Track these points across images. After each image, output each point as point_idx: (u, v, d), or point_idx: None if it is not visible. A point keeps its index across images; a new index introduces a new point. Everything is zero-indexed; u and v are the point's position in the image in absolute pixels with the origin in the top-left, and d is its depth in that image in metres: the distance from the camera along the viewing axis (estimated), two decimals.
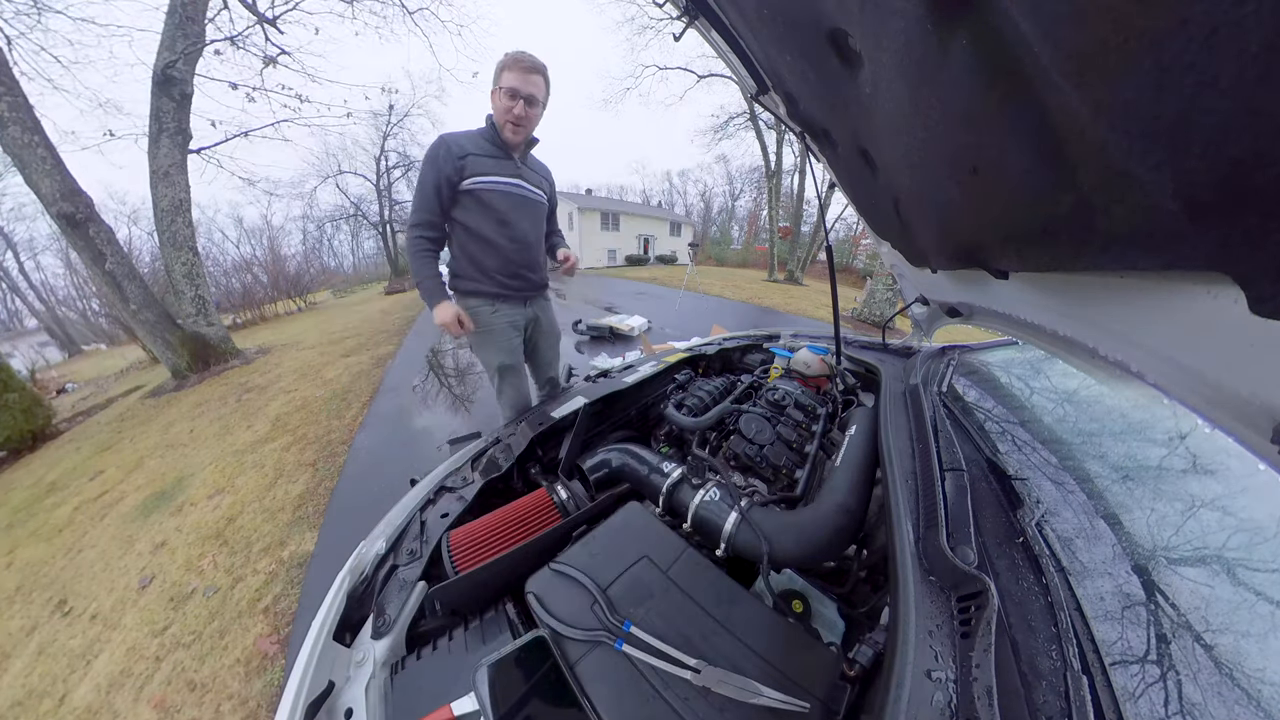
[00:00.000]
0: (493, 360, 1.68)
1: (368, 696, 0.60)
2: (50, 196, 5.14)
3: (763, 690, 0.53)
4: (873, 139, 0.76)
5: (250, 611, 1.99)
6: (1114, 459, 0.98)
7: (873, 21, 0.49)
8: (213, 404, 5.09)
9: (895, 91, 0.54)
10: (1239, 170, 0.25)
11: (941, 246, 0.82)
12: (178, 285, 6.51)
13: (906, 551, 0.62)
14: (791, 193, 18.87)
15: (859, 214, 1.37)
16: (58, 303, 29.56)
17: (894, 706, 0.43)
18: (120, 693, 1.72)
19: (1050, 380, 1.32)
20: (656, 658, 0.56)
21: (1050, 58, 0.31)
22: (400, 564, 0.78)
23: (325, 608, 0.71)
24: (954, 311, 1.33)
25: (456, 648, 0.63)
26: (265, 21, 7.58)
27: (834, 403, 1.36)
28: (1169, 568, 0.67)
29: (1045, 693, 0.45)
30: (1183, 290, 0.42)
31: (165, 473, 3.57)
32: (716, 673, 0.54)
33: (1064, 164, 0.38)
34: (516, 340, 1.73)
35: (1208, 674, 0.51)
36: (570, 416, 1.19)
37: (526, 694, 0.53)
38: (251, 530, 2.57)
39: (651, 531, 0.77)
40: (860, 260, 24.93)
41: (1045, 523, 0.69)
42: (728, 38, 0.95)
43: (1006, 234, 0.56)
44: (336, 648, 0.66)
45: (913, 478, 0.78)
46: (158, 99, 6.00)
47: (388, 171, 24.24)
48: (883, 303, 8.37)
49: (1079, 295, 0.62)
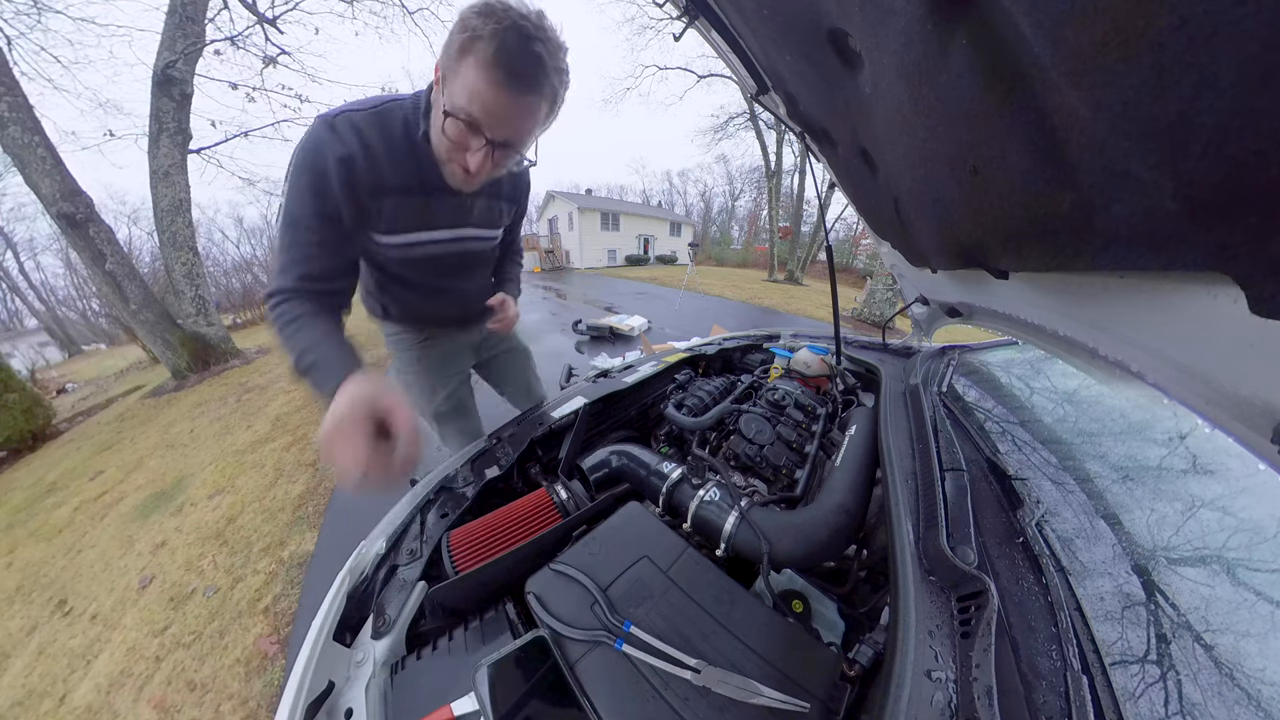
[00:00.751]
0: (424, 405, 1.27)
1: (368, 696, 0.60)
2: (50, 196, 5.14)
3: (762, 690, 0.53)
4: (873, 139, 0.76)
5: (250, 611, 1.99)
6: (1114, 459, 0.98)
7: (873, 21, 0.49)
8: (213, 404, 5.09)
9: (895, 91, 0.54)
10: (1239, 170, 0.25)
11: (941, 246, 0.82)
12: (178, 285, 6.51)
13: (906, 551, 0.62)
14: (791, 193, 18.88)
15: (859, 214, 1.37)
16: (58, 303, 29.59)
17: (894, 706, 0.43)
18: (120, 693, 1.72)
19: (1050, 380, 1.32)
20: (656, 657, 0.56)
21: (1050, 58, 0.31)
22: (400, 564, 0.78)
23: (325, 608, 0.71)
24: (954, 311, 1.33)
25: (456, 648, 0.63)
26: (265, 21, 7.58)
27: (834, 403, 1.36)
28: (1169, 568, 0.67)
29: (1045, 693, 0.45)
30: (1183, 290, 0.42)
31: (165, 473, 3.57)
32: (716, 672, 0.54)
33: (1064, 164, 0.38)
34: (455, 379, 1.30)
35: (1208, 674, 0.51)
36: (570, 416, 1.19)
37: (526, 694, 0.53)
38: (251, 530, 2.57)
39: (651, 531, 0.77)
40: (860, 260, 24.96)
41: (1045, 523, 0.69)
42: (728, 38, 0.95)
43: (1006, 234, 0.56)
44: (336, 648, 0.66)
45: (913, 478, 0.78)
46: (158, 99, 6.01)
47: None
48: (883, 303, 8.37)
49: (1079, 295, 0.62)
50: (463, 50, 0.64)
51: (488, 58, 0.63)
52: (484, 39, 0.62)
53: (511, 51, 0.63)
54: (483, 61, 0.64)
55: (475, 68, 0.64)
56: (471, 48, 0.64)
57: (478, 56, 0.64)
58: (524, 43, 0.63)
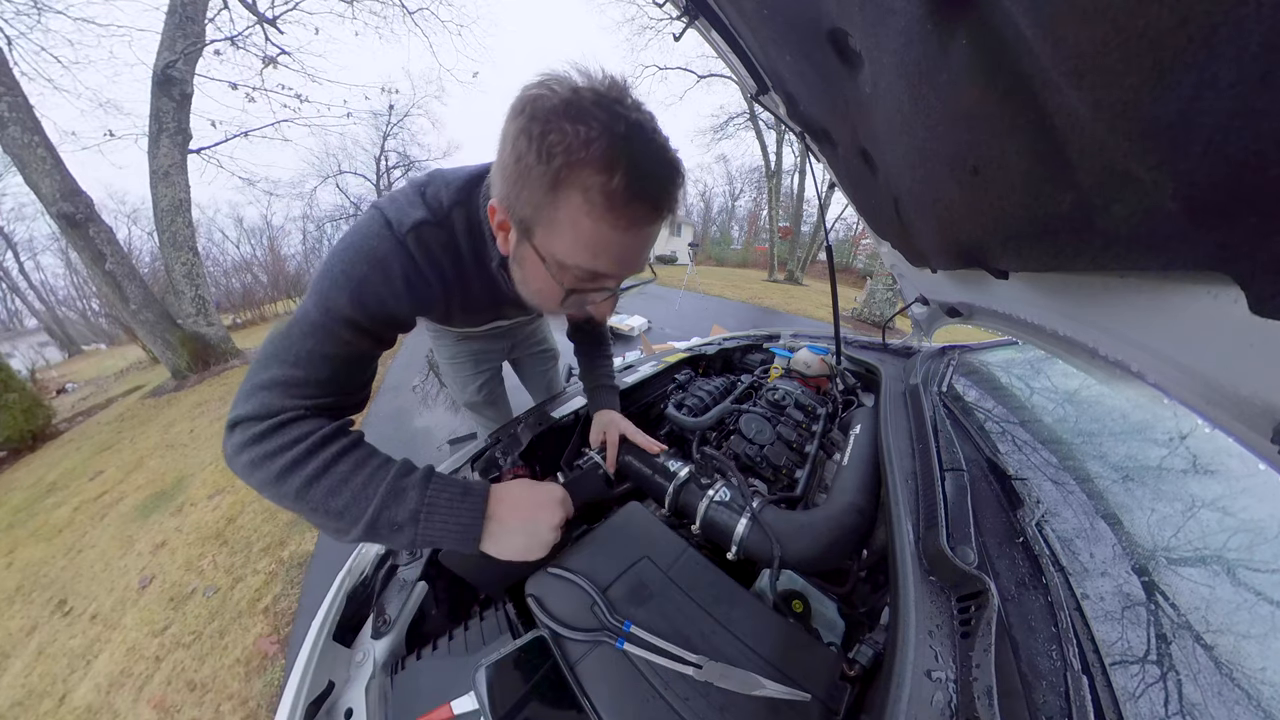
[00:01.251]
0: (459, 394, 1.47)
1: (368, 696, 0.60)
2: (50, 196, 5.14)
3: (764, 682, 0.53)
4: (873, 139, 0.76)
5: (250, 611, 1.99)
6: (1114, 459, 0.98)
7: (873, 21, 0.49)
8: (213, 404, 5.09)
9: (895, 91, 0.54)
10: (1239, 170, 0.25)
11: (941, 246, 0.82)
12: (178, 285, 6.51)
13: (906, 551, 0.62)
14: (791, 193, 18.87)
15: (859, 214, 1.37)
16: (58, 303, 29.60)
17: (894, 706, 0.43)
18: (120, 693, 1.72)
19: (1050, 380, 1.32)
20: (658, 655, 0.56)
21: (1050, 58, 0.31)
22: (400, 564, 0.78)
23: (325, 608, 0.71)
24: (954, 311, 1.33)
25: (456, 648, 0.63)
26: (265, 21, 7.59)
27: (834, 403, 1.36)
28: (1169, 568, 0.67)
29: (1045, 693, 0.45)
30: (1183, 290, 0.42)
31: (165, 473, 3.57)
32: (718, 667, 0.54)
33: (1064, 164, 0.38)
34: (488, 373, 1.44)
35: (1208, 674, 0.51)
36: (570, 416, 1.19)
37: (526, 694, 0.53)
38: (251, 530, 2.57)
39: (652, 531, 0.77)
40: (860, 260, 24.96)
41: (1045, 523, 0.69)
42: (728, 38, 0.95)
43: (1006, 234, 0.56)
44: (336, 648, 0.67)
45: (913, 478, 0.78)
46: (158, 99, 6.01)
47: (388, 171, 24.25)
48: (883, 303, 8.37)
49: (1079, 295, 0.62)
50: (559, 183, 0.43)
51: (614, 194, 0.42)
52: (594, 163, 0.42)
53: (643, 175, 0.43)
54: (606, 202, 0.43)
55: (593, 216, 0.44)
56: (577, 179, 0.42)
57: (594, 194, 0.43)
58: (652, 152, 0.44)
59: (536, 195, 0.45)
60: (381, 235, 0.56)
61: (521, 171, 0.44)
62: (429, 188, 0.61)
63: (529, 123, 0.43)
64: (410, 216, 0.58)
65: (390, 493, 0.52)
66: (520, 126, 0.43)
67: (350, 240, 0.56)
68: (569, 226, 0.46)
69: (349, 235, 0.57)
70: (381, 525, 0.51)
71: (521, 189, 0.46)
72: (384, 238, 0.56)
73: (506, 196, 0.48)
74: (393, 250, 0.56)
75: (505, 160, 0.46)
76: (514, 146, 0.44)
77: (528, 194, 0.45)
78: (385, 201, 0.60)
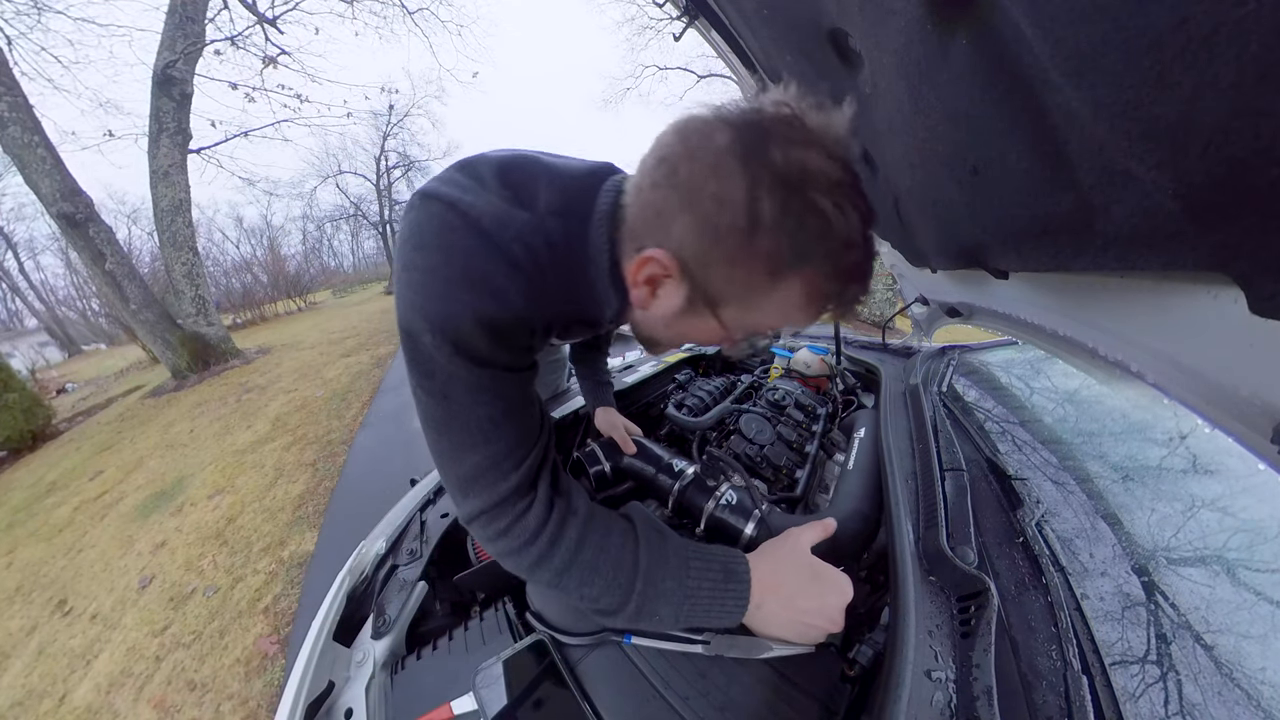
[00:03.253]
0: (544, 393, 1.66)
1: (368, 696, 0.60)
2: (50, 196, 5.15)
3: (771, 645, 0.54)
4: (873, 139, 0.76)
5: (250, 611, 1.99)
6: (1114, 459, 0.98)
7: (873, 21, 0.49)
8: (213, 404, 5.10)
9: (895, 91, 0.54)
10: (1239, 170, 0.25)
11: (941, 246, 0.82)
12: (178, 285, 6.52)
13: (906, 551, 0.62)
14: None
15: None
16: (58, 303, 29.58)
17: (894, 706, 0.43)
18: (120, 693, 1.72)
19: (1050, 380, 1.32)
20: (665, 641, 0.57)
21: (1050, 58, 0.31)
22: (400, 564, 0.78)
23: (325, 608, 0.71)
24: (954, 311, 1.33)
25: (456, 648, 0.63)
26: (265, 21, 7.60)
27: (834, 403, 1.36)
28: (1169, 568, 0.67)
29: (1045, 693, 0.45)
30: (1183, 290, 0.42)
31: (165, 473, 3.57)
32: (725, 639, 0.56)
33: (1064, 164, 0.38)
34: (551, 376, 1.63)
35: (1208, 674, 0.51)
36: (570, 416, 1.19)
37: (526, 694, 0.53)
38: (251, 530, 2.57)
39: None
40: None
41: (1045, 523, 0.69)
42: (728, 38, 0.95)
43: (1006, 234, 0.56)
44: (336, 648, 0.67)
45: (913, 478, 0.78)
46: (158, 99, 6.01)
47: (388, 171, 24.25)
48: (883, 303, 8.36)
49: (1079, 295, 0.62)
50: (787, 276, 0.37)
51: (839, 299, 0.40)
52: (844, 275, 0.38)
53: (869, 254, 0.38)
54: (825, 303, 0.40)
55: (807, 311, 0.40)
56: (811, 278, 0.37)
57: (817, 295, 0.39)
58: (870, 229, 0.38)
59: (751, 278, 0.37)
60: (472, 238, 0.43)
61: (737, 247, 0.36)
62: (511, 175, 0.48)
63: (774, 187, 0.32)
64: (514, 232, 0.44)
65: (648, 584, 0.48)
66: (748, 186, 0.33)
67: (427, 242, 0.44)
68: (775, 310, 0.41)
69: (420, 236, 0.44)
70: (644, 619, 0.49)
71: (732, 268, 0.37)
72: (478, 243, 0.43)
73: (694, 262, 0.38)
74: (491, 260, 0.43)
75: (708, 217, 0.35)
76: (733, 211, 0.34)
77: (739, 274, 0.38)
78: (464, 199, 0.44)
